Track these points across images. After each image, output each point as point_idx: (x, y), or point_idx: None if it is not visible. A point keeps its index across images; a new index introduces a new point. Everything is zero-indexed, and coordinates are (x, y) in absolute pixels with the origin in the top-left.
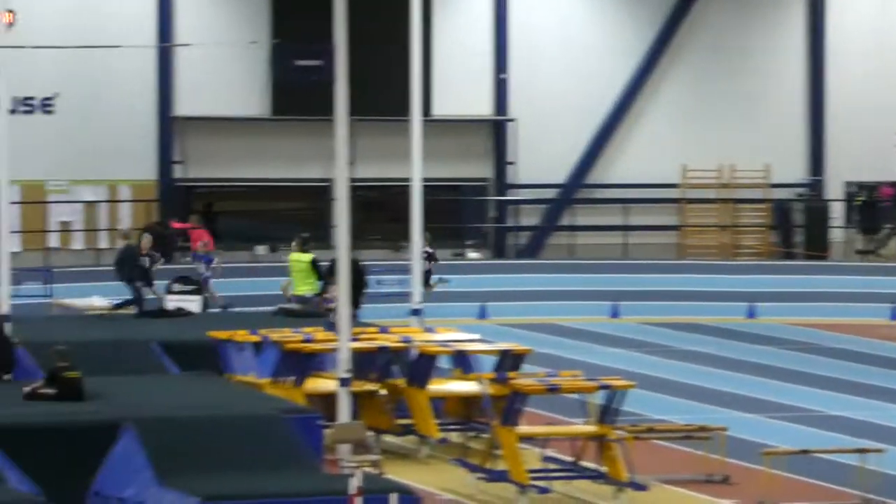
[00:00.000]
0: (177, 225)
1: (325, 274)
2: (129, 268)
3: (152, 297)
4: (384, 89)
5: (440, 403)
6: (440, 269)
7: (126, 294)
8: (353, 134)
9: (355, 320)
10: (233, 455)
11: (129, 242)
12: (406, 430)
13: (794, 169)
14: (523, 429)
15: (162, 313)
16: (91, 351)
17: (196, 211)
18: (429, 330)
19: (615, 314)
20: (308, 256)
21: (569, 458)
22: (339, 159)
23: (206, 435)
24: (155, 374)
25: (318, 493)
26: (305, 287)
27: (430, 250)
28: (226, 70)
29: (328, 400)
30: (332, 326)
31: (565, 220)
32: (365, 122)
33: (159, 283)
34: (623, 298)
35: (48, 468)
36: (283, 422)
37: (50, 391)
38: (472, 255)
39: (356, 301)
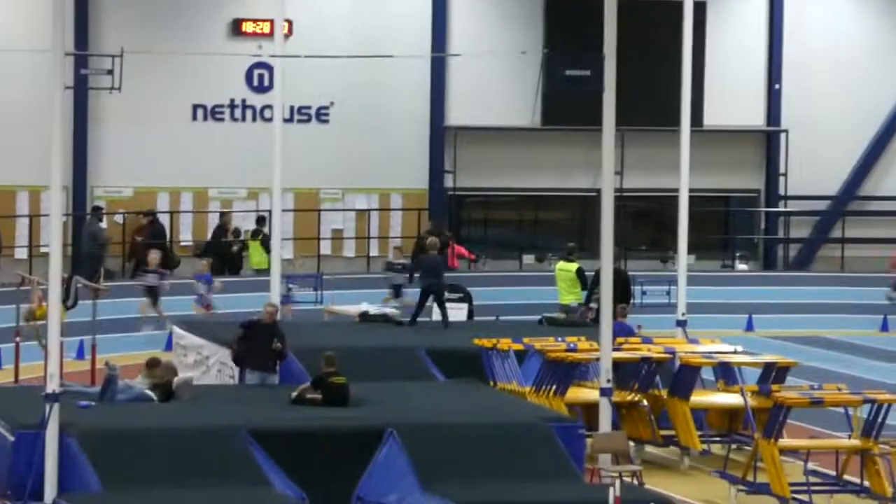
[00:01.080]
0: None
1: (590, 284)
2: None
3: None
4: (654, 99)
5: (703, 415)
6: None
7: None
8: (621, 144)
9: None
10: (495, 462)
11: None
12: (668, 442)
13: None
14: (786, 442)
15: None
16: (359, 357)
17: (464, 220)
18: (693, 341)
19: (885, 328)
20: (574, 266)
21: (832, 473)
22: (605, 169)
23: (469, 442)
24: (421, 380)
25: (579, 502)
26: (570, 296)
27: None
28: (497, 80)
29: (590, 409)
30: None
31: (836, 233)
32: (634, 131)
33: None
34: (893, 312)
35: (313, 472)
36: (545, 430)
37: (316, 396)
38: (741, 266)
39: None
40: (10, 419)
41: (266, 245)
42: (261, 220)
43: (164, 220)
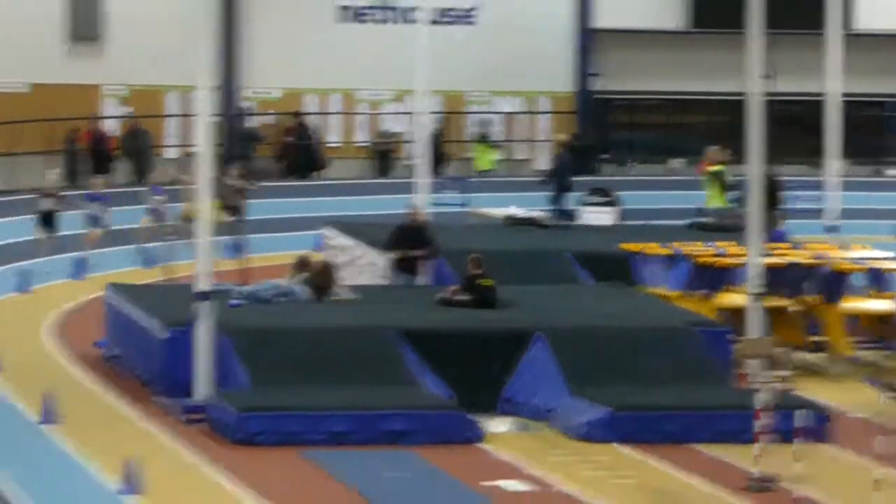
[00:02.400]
0: None
1: (733, 187)
2: (564, 177)
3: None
4: (806, 1)
5: (854, 321)
6: None
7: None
8: (771, 47)
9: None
10: (642, 366)
11: (562, 152)
12: (818, 347)
13: None
14: None
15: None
16: (506, 260)
17: (611, 124)
18: (844, 247)
19: None
20: (718, 169)
21: None
22: (752, 72)
23: (617, 345)
24: (568, 284)
25: (727, 406)
26: (717, 200)
27: None
28: None
29: (739, 315)
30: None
31: None
32: (785, 35)
33: (575, 195)
34: None
35: (461, 373)
36: (693, 335)
37: (464, 298)
38: (892, 172)
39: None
40: (163, 316)
41: (491, 146)
42: (484, 123)
43: (313, 121)
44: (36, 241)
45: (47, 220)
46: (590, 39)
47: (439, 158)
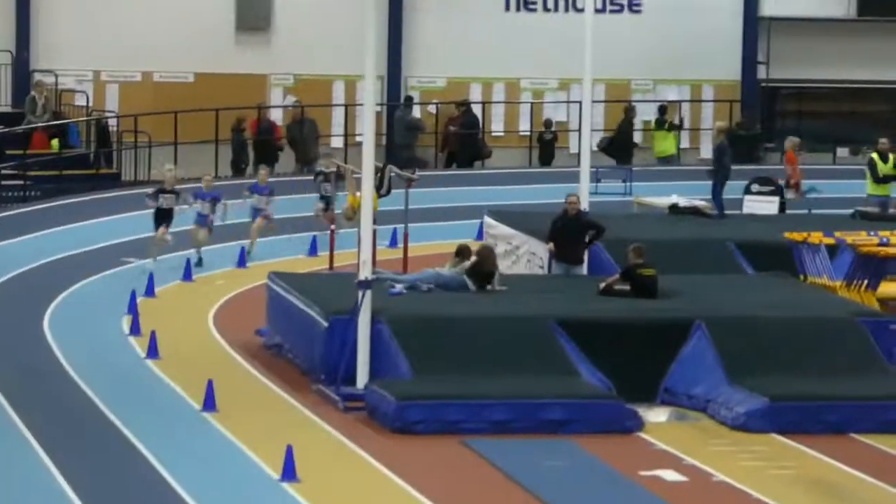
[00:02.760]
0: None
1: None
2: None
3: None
4: None
5: None
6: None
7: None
8: None
9: None
10: (804, 357)
11: (723, 141)
12: None
13: None
14: None
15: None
16: (667, 249)
17: (777, 113)
18: None
19: None
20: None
21: None
22: None
23: (778, 336)
24: (730, 273)
25: (889, 396)
26: (881, 190)
27: None
28: None
29: None
30: None
31: None
32: None
33: (736, 184)
34: None
35: (620, 363)
36: (856, 325)
37: (625, 287)
38: None
39: None
40: (324, 305)
41: (672, 131)
42: (663, 109)
43: (477, 110)
44: (152, 238)
45: (164, 215)
46: (756, 27)
47: (625, 147)
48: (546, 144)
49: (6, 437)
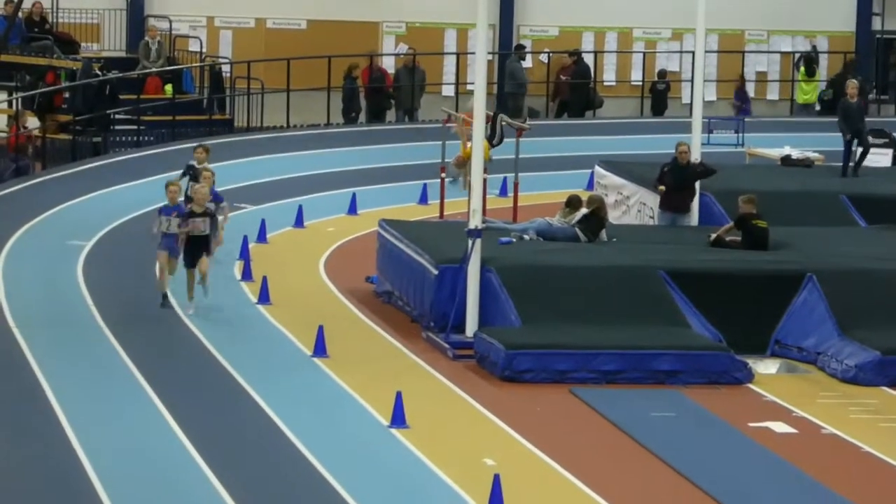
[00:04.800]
0: None
1: None
2: (850, 121)
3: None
4: None
5: None
6: None
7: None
8: None
9: None
10: None
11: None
12: None
13: None
14: None
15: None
16: (779, 201)
17: (892, 65)
18: None
19: None
20: None
21: None
22: None
23: (890, 288)
24: (841, 226)
25: None
26: None
27: None
28: None
29: None
30: None
31: None
32: None
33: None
34: None
35: (730, 314)
36: None
37: (736, 238)
38: None
39: None
40: (434, 253)
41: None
42: (810, 59)
43: (589, 60)
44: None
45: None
46: None
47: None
48: (659, 94)
49: (120, 381)
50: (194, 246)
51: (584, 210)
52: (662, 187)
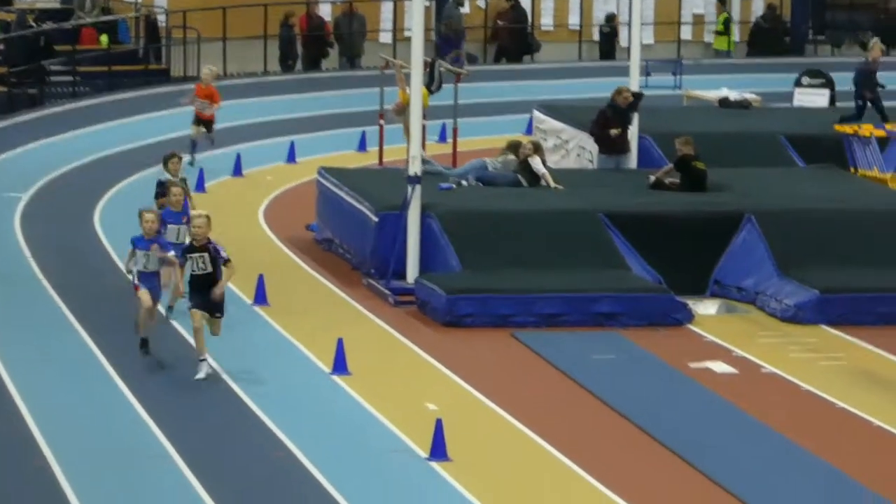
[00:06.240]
0: None
1: None
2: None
3: None
4: None
5: None
6: None
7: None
8: None
9: None
10: (854, 249)
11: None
12: None
13: None
14: None
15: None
16: (718, 142)
17: None
18: None
19: None
20: None
21: None
22: None
23: (829, 228)
24: (780, 167)
25: None
26: None
27: None
28: None
29: None
30: None
31: None
32: None
33: (787, 77)
34: None
35: (669, 256)
36: None
37: (675, 181)
38: None
39: None
40: (373, 200)
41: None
42: (722, 3)
43: (526, 4)
44: (192, 137)
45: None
46: None
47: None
48: (605, 38)
49: (60, 331)
50: (198, 284)
51: (521, 153)
52: (616, 130)
